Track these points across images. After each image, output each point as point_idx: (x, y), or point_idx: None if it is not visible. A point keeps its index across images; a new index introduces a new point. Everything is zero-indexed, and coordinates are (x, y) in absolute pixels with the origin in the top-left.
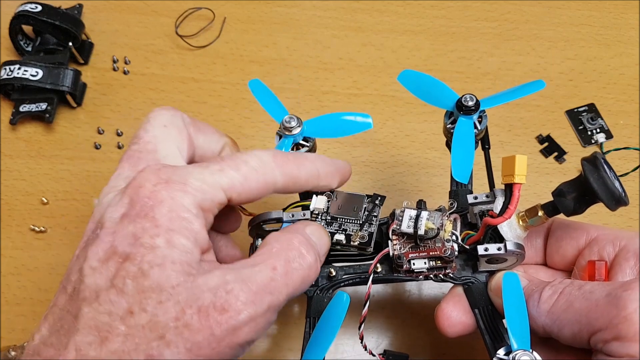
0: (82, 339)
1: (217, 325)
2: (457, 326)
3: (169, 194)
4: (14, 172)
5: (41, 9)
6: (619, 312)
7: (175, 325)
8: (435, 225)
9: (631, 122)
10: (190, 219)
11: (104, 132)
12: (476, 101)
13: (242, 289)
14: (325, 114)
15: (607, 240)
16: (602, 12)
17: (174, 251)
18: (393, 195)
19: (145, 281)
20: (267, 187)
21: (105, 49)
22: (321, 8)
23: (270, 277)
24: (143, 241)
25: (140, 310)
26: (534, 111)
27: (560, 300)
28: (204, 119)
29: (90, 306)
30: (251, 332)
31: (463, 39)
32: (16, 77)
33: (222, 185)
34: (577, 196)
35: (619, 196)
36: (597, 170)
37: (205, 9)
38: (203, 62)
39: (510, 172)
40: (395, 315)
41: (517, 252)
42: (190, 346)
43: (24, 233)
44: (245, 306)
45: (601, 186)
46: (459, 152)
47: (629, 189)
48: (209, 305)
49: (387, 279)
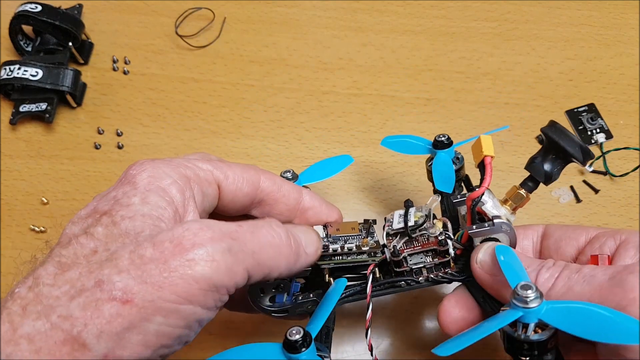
0: (43, 270)
1: (171, 255)
2: (460, 323)
3: (151, 164)
4: (14, 172)
5: (41, 9)
6: (626, 294)
7: (129, 257)
8: (423, 213)
9: (631, 122)
10: (168, 182)
11: (104, 132)
12: (448, 137)
13: (201, 228)
14: (313, 164)
15: (608, 236)
16: (602, 12)
17: (145, 206)
18: (393, 195)
19: (115, 229)
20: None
21: (105, 49)
22: (321, 8)
23: (234, 228)
24: (121, 200)
25: (104, 250)
26: (534, 111)
27: (558, 283)
28: (204, 119)
29: (60, 247)
30: (207, 269)
31: (463, 39)
32: (16, 77)
33: (208, 166)
34: (548, 159)
35: (579, 142)
36: (555, 127)
37: (205, 9)
38: (203, 62)
39: (479, 151)
40: (395, 315)
41: (504, 224)
42: (141, 273)
43: (24, 233)
44: (202, 241)
45: (562, 136)
46: (439, 170)
47: (629, 189)
48: (165, 240)
49: (388, 283)
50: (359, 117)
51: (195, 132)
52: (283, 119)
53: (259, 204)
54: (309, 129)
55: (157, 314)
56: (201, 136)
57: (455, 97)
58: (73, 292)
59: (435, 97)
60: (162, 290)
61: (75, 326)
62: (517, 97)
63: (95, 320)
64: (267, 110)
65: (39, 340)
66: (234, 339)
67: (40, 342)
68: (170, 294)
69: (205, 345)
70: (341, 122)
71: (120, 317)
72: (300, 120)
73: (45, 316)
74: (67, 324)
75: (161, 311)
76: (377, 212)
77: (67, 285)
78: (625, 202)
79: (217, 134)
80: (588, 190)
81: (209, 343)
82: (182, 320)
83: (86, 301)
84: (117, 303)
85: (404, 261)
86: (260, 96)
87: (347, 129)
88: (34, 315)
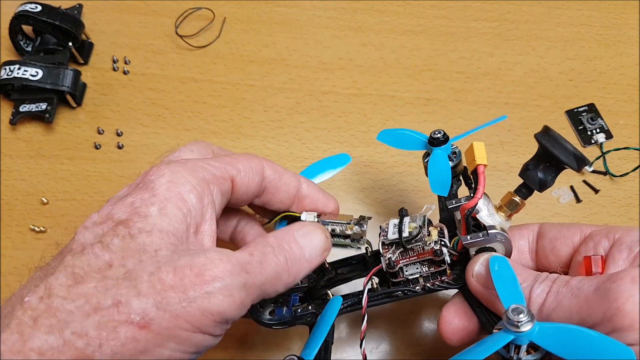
0: (55, 280)
1: (191, 285)
2: (460, 333)
3: (169, 168)
4: (14, 172)
5: (41, 9)
6: (611, 305)
7: (149, 279)
8: (417, 224)
9: (631, 122)
10: (188, 189)
11: (104, 132)
12: (444, 133)
13: (221, 259)
14: (311, 164)
15: (602, 235)
16: (602, 12)
17: (163, 220)
18: (393, 195)
19: (132, 242)
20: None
21: (105, 49)
22: (321, 8)
23: (247, 259)
24: (139, 209)
25: (120, 265)
26: (534, 111)
27: (549, 299)
28: (204, 118)
29: (73, 256)
30: (224, 304)
31: (463, 39)
32: (16, 77)
33: (221, 164)
34: (542, 167)
35: (573, 150)
36: (548, 134)
37: (205, 9)
38: (203, 62)
39: (471, 159)
40: (395, 316)
41: (499, 234)
42: (161, 300)
43: (24, 233)
44: (222, 274)
45: (555, 145)
46: (434, 171)
47: (629, 189)
48: (186, 266)
49: (385, 294)
50: (359, 117)
51: (195, 132)
52: (283, 119)
53: (262, 193)
54: (309, 129)
55: (172, 341)
56: (201, 136)
57: (455, 97)
58: (88, 309)
59: (435, 97)
60: (178, 319)
61: (90, 345)
62: (517, 97)
63: (110, 342)
64: (267, 110)
65: (50, 355)
66: (234, 339)
67: (51, 357)
68: (186, 323)
69: None
70: (341, 122)
71: (136, 341)
72: (300, 120)
73: (58, 331)
74: (81, 343)
75: (175, 339)
76: (377, 212)
77: (81, 300)
78: (625, 202)
79: (217, 134)
80: (588, 190)
81: None
82: (193, 347)
83: (102, 320)
84: (134, 327)
85: (400, 272)
86: (260, 96)
87: (347, 129)
88: (46, 328)
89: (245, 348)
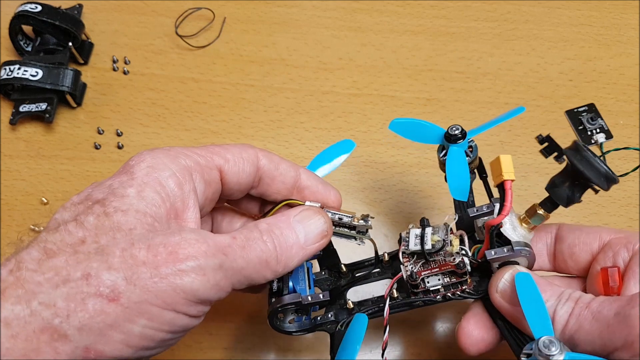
0: (27, 254)
1: (163, 262)
2: (480, 344)
3: (151, 154)
4: (14, 172)
5: (41, 9)
6: (631, 331)
7: (121, 254)
8: (440, 237)
9: (631, 122)
10: (167, 175)
11: (103, 132)
12: (462, 129)
13: (197, 239)
14: (315, 156)
15: (621, 245)
16: (602, 12)
17: (141, 202)
18: (393, 195)
19: (107, 220)
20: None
21: (105, 49)
22: (321, 8)
23: (228, 242)
24: (116, 190)
25: (93, 242)
26: (534, 111)
27: (571, 321)
28: (204, 119)
29: (47, 232)
30: (196, 282)
31: (463, 39)
32: (16, 77)
33: (207, 152)
34: (569, 184)
35: (605, 172)
36: (579, 153)
37: (205, 9)
38: (203, 62)
39: (498, 172)
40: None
41: (524, 250)
42: (131, 274)
43: (24, 233)
44: (196, 254)
45: (587, 166)
46: (453, 174)
47: (629, 189)
48: (160, 244)
49: (405, 303)
50: (359, 117)
51: (195, 132)
52: (283, 119)
53: (258, 183)
54: (309, 129)
55: (142, 317)
56: (201, 136)
57: (455, 97)
58: (57, 280)
59: (435, 97)
60: (148, 294)
61: (58, 316)
62: (517, 97)
63: (78, 314)
64: (267, 110)
65: (16, 325)
66: (234, 339)
67: (17, 327)
68: (156, 298)
69: (205, 345)
70: (341, 122)
71: (104, 314)
72: (300, 120)
73: (25, 301)
74: (48, 313)
75: (145, 314)
76: (377, 212)
77: (51, 272)
78: (625, 202)
79: (217, 134)
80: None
81: (209, 343)
82: (166, 325)
83: (71, 292)
84: (103, 299)
85: (421, 283)
86: (260, 96)
87: (347, 129)
88: (13, 299)
89: (245, 347)
